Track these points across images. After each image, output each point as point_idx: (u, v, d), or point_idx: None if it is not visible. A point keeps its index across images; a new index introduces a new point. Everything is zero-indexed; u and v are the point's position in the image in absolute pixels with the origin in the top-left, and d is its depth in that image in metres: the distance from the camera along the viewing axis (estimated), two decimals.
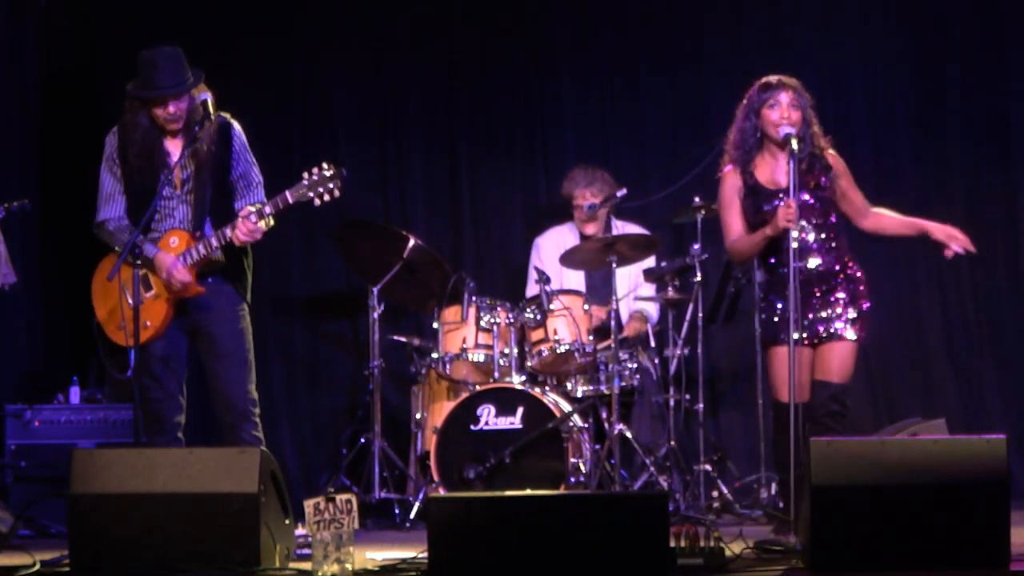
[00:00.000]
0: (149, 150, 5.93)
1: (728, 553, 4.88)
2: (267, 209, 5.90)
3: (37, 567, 4.95)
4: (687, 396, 7.64)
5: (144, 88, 5.90)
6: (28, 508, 6.74)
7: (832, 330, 5.96)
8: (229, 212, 6.00)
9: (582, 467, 7.07)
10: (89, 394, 7.64)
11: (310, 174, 5.89)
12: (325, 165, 5.91)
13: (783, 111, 5.93)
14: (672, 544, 4.68)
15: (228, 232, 5.89)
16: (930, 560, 4.57)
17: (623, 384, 7.36)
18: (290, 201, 5.90)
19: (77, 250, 8.22)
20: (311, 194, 5.90)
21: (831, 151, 6.06)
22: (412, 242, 7.50)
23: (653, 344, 7.81)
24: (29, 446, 7.43)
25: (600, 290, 7.65)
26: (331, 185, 5.88)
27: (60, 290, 8.31)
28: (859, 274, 6.07)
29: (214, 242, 5.91)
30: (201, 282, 5.97)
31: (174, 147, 5.99)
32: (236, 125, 6.09)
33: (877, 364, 8.34)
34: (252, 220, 5.86)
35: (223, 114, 6.05)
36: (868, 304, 6.06)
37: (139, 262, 5.71)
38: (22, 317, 7.91)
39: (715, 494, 7.44)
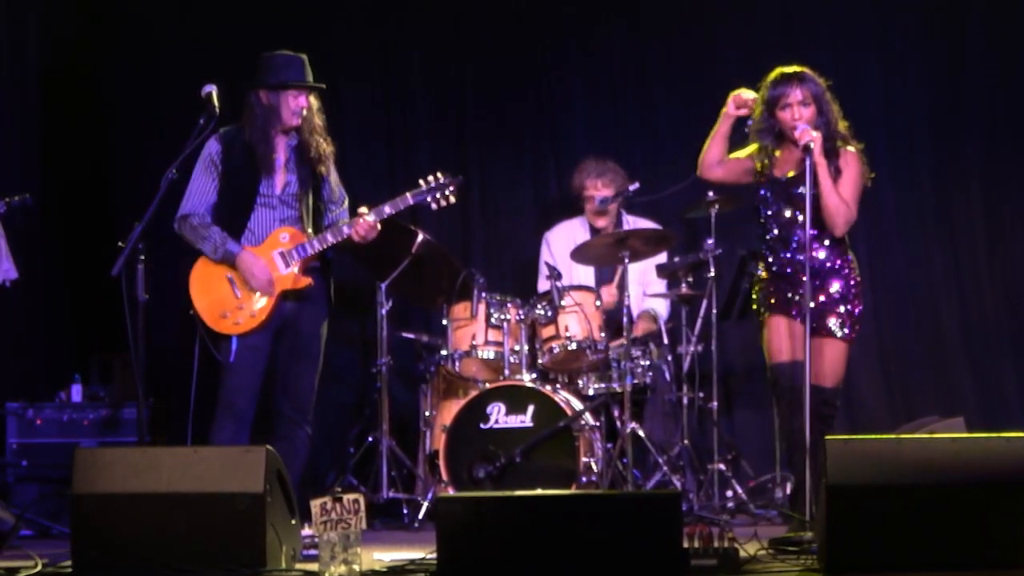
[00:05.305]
0: (259, 149, 6.12)
1: (742, 554, 4.84)
2: (386, 209, 6.18)
3: (39, 567, 4.93)
4: (701, 394, 7.61)
5: (278, 83, 6.13)
6: (29, 508, 6.72)
7: (822, 326, 5.92)
8: (321, 222, 6.25)
9: (594, 466, 7.03)
10: (91, 392, 7.65)
11: (427, 181, 6.29)
12: (440, 174, 6.31)
13: (794, 111, 5.93)
14: (685, 545, 4.65)
15: (346, 230, 6.13)
16: (948, 561, 4.54)
17: (635, 382, 7.30)
18: (410, 202, 6.28)
19: (79, 246, 8.19)
20: (429, 198, 6.30)
21: (850, 147, 5.98)
22: (420, 237, 7.44)
23: (666, 341, 7.76)
24: (30, 445, 7.46)
25: (608, 284, 7.60)
26: (447, 191, 6.30)
27: (62, 287, 8.31)
28: (856, 278, 6.04)
29: (330, 238, 6.15)
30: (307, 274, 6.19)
31: (280, 151, 6.18)
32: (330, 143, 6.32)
33: (894, 361, 8.32)
34: (371, 218, 6.14)
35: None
36: (861, 307, 6.06)
37: (142, 256, 5.73)
38: (23, 314, 7.87)
39: (729, 494, 7.42)
